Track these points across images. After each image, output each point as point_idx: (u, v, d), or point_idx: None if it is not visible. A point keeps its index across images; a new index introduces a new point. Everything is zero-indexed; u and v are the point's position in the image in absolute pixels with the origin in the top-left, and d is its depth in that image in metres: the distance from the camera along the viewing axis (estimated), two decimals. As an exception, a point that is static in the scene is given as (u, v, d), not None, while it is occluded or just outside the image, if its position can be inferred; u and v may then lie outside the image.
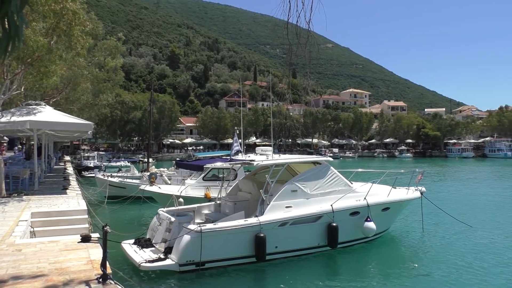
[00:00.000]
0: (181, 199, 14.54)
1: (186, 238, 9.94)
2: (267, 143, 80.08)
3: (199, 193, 17.35)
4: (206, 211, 13.16)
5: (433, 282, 9.88)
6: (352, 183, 13.02)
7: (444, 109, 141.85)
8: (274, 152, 13.32)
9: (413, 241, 14.01)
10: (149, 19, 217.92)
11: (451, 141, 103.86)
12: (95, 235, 8.27)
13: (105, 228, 6.49)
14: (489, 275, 10.23)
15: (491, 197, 25.66)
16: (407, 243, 13.85)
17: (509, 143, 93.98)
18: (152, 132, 62.90)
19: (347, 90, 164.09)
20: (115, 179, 24.02)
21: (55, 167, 27.92)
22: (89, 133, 16.88)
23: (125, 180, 24.32)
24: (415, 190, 14.49)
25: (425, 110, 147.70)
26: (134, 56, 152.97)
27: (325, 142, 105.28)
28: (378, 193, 13.20)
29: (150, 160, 33.23)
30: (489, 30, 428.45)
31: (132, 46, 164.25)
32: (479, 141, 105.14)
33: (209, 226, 10.32)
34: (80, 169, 36.38)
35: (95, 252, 7.16)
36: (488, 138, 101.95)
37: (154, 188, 18.74)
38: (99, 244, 7.41)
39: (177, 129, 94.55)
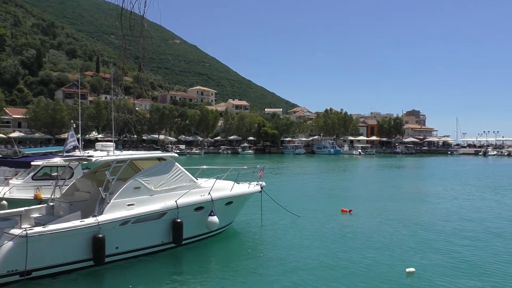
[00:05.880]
0: (4, 202, 12.89)
1: (8, 245, 8.71)
2: (110, 138, 75.69)
3: (28, 194, 15.43)
4: (36, 214, 11.79)
5: (274, 267, 10.72)
6: (197, 179, 13.21)
7: (281, 109, 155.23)
8: (117, 148, 12.64)
9: (254, 232, 14.95)
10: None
11: (286, 139, 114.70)
12: None
13: None
14: (319, 255, 11.65)
15: (315, 189, 29.71)
16: (249, 235, 14.73)
17: (332, 141, 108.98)
18: (-34, 123, 53.40)
19: (195, 87, 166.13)
20: None
21: None
22: None
23: None
24: (256, 185, 15.46)
25: (265, 110, 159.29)
26: None
27: (172, 139, 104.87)
28: (222, 188, 13.67)
29: (-37, 156, 28.03)
30: (319, 40, 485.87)
31: None
32: (309, 139, 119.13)
33: (37, 229, 9.24)
34: None
35: None
36: (316, 137, 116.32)
37: (-34, 191, 15.87)
38: None
39: (1, 121, 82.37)
